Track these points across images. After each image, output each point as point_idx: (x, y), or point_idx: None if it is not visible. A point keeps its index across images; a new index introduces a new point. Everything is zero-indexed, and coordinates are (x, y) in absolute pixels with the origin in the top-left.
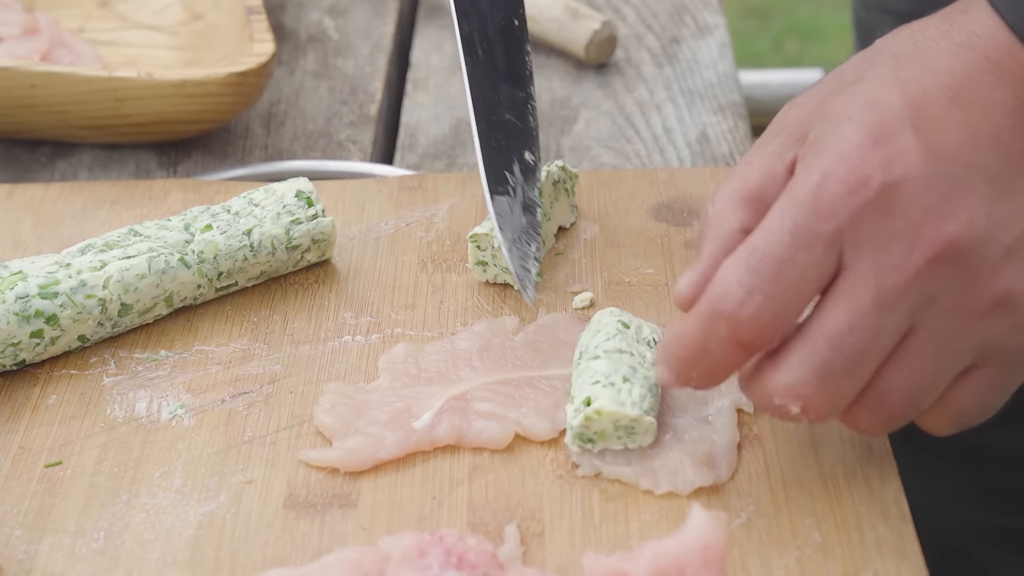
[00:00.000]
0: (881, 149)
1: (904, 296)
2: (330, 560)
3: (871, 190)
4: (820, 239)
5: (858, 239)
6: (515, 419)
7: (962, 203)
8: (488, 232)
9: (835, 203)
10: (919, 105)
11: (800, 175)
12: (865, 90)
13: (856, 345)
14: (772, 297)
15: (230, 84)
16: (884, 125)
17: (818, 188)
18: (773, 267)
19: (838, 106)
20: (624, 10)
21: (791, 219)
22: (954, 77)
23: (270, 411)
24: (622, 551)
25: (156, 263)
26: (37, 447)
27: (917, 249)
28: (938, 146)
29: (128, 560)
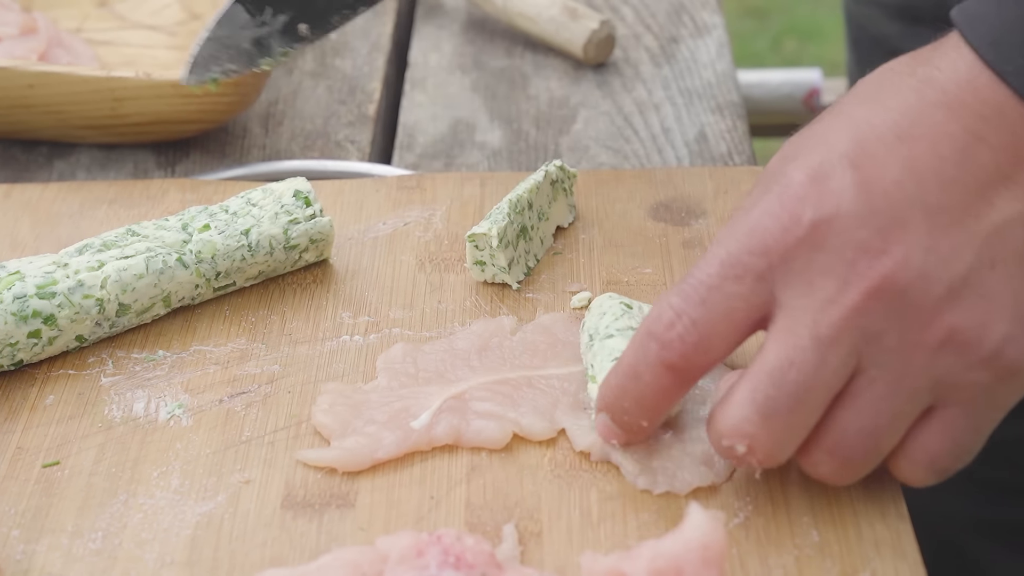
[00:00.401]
0: (816, 187)
1: (843, 332)
2: (328, 560)
3: (802, 227)
4: (750, 272)
5: (790, 276)
6: (513, 419)
7: (897, 240)
8: (487, 232)
9: (767, 239)
10: (863, 142)
11: (745, 210)
12: (819, 129)
13: (797, 379)
14: (697, 321)
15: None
16: (823, 164)
17: (754, 223)
18: (702, 293)
19: (792, 145)
20: (622, 10)
21: (725, 249)
22: (904, 113)
23: (268, 411)
24: (620, 551)
25: (154, 263)
26: (35, 447)
27: (851, 285)
28: (874, 183)
29: (126, 560)
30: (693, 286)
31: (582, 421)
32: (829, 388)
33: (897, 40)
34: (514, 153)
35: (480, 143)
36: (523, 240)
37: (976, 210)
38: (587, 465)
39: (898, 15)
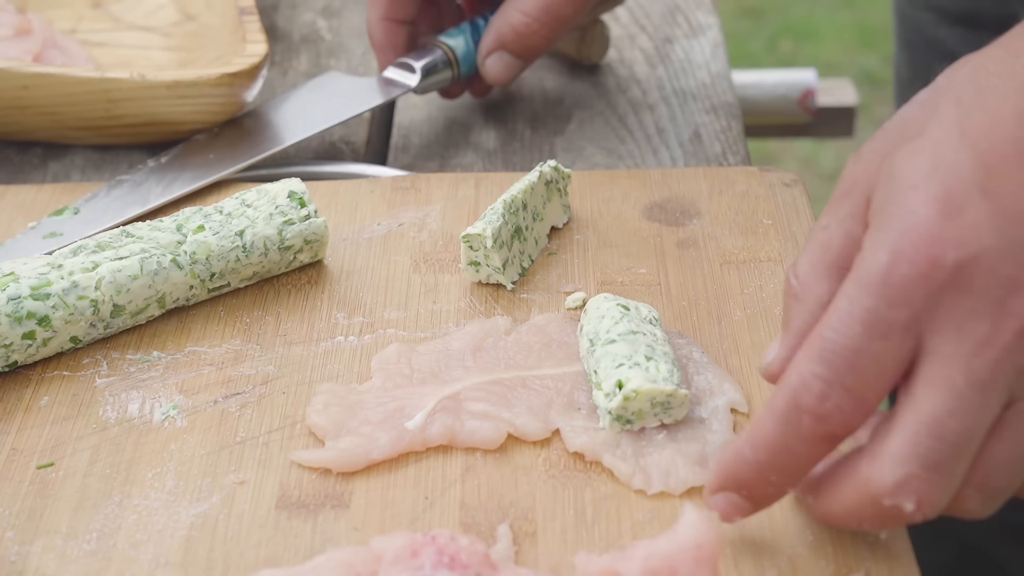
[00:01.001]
0: (951, 224)
1: (998, 372)
2: (322, 561)
3: (945, 271)
4: (895, 327)
5: (937, 322)
6: (508, 419)
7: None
8: (481, 232)
9: (908, 288)
10: (988, 164)
11: (868, 253)
12: (929, 148)
13: (959, 428)
14: (852, 389)
15: (222, 85)
16: (952, 194)
17: (888, 271)
18: (849, 359)
19: (903, 167)
20: (617, 10)
21: (861, 307)
22: (1020, 122)
23: (263, 412)
24: (614, 551)
25: (148, 264)
26: (29, 448)
27: (1003, 324)
28: (1012, 211)
29: (120, 561)
30: (836, 352)
31: (576, 422)
32: (987, 429)
33: (955, 43)
34: (509, 153)
35: (475, 143)
36: (517, 241)
37: None
38: (581, 465)
39: (957, 20)
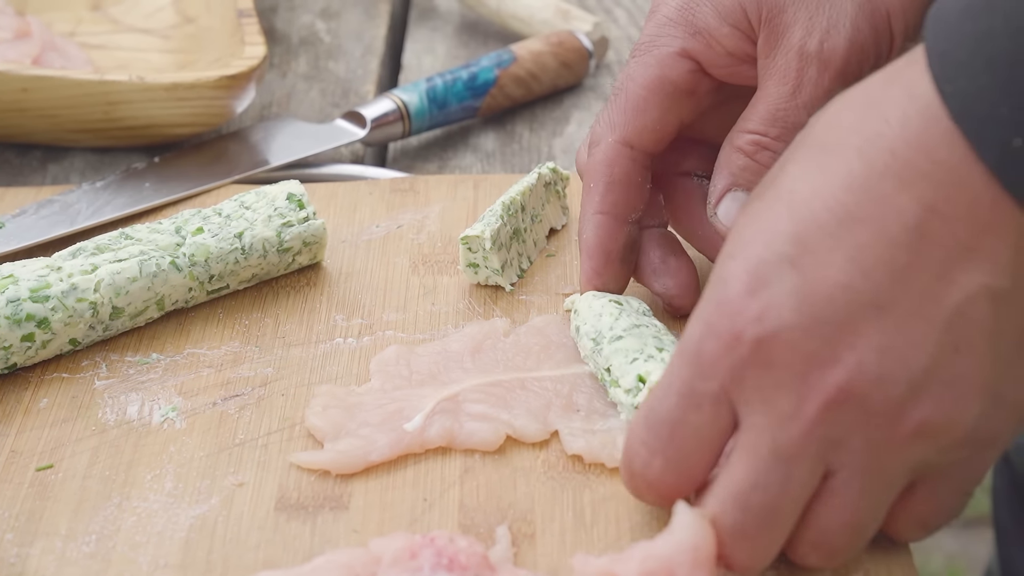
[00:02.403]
0: (755, 299)
1: (805, 446)
2: (321, 562)
3: (745, 346)
4: (706, 398)
5: (745, 394)
6: (506, 421)
7: (848, 346)
8: (480, 234)
9: (714, 361)
10: (803, 234)
11: (690, 323)
12: (760, 212)
13: (763, 501)
14: (672, 459)
15: (221, 87)
16: (761, 267)
17: (699, 344)
18: (668, 429)
19: (736, 230)
20: (615, 12)
21: (678, 378)
22: (848, 189)
23: (261, 414)
24: (613, 552)
25: (147, 266)
26: (28, 450)
27: (807, 399)
28: (817, 287)
29: (119, 563)
30: (659, 421)
31: (575, 423)
32: (799, 500)
33: None
34: (507, 155)
35: (473, 145)
36: (516, 242)
37: (934, 294)
38: (580, 467)
39: None
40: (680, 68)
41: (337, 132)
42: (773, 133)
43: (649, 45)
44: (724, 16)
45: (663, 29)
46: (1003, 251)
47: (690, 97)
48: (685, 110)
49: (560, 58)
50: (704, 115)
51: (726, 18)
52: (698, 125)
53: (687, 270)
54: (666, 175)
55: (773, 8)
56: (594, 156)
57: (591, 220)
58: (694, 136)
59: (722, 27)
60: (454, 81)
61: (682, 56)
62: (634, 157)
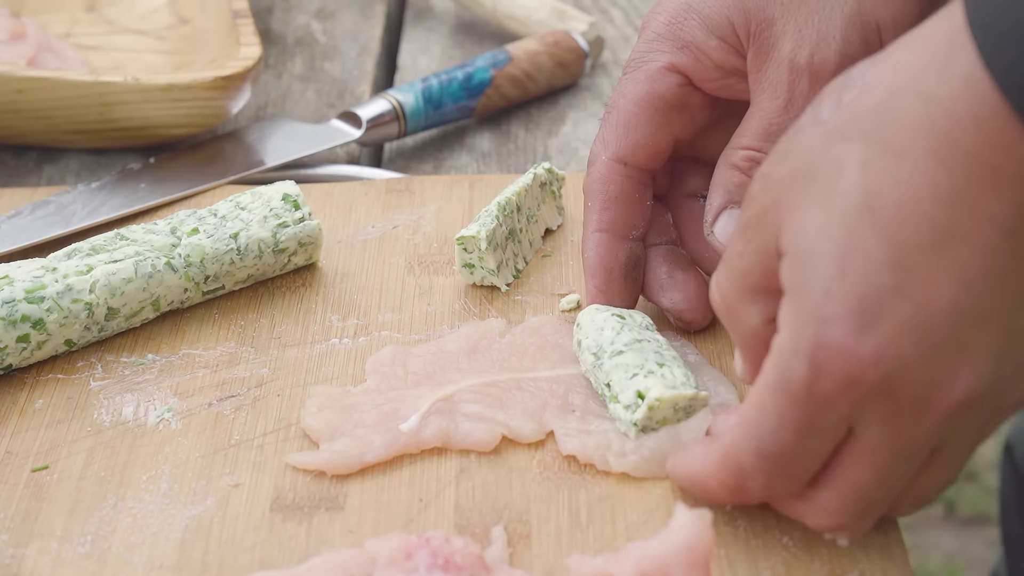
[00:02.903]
0: (869, 338)
1: (923, 446)
2: (317, 563)
3: (866, 386)
4: (826, 427)
5: (864, 418)
6: (502, 421)
7: (964, 362)
8: (475, 235)
9: (832, 400)
10: (903, 260)
11: (788, 359)
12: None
13: (881, 493)
14: (795, 477)
15: (216, 88)
16: (867, 304)
17: (810, 385)
18: (788, 460)
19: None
20: (611, 11)
21: (792, 417)
22: (938, 202)
23: (257, 414)
24: (609, 552)
25: (143, 267)
26: (24, 451)
27: (928, 416)
28: (931, 312)
29: (115, 564)
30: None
31: (570, 424)
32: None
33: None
34: (503, 156)
35: (469, 146)
36: (512, 243)
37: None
38: (576, 467)
39: None
40: (669, 82)
41: (333, 133)
42: (767, 148)
43: (639, 61)
44: (712, 29)
45: (652, 45)
46: None
47: (682, 112)
48: (678, 125)
49: (556, 58)
50: (704, 133)
51: (714, 31)
52: (699, 144)
53: (695, 284)
54: (673, 196)
55: (762, 21)
56: (590, 175)
57: (591, 238)
58: (696, 155)
59: (710, 40)
60: (450, 81)
61: (671, 70)
62: (629, 174)
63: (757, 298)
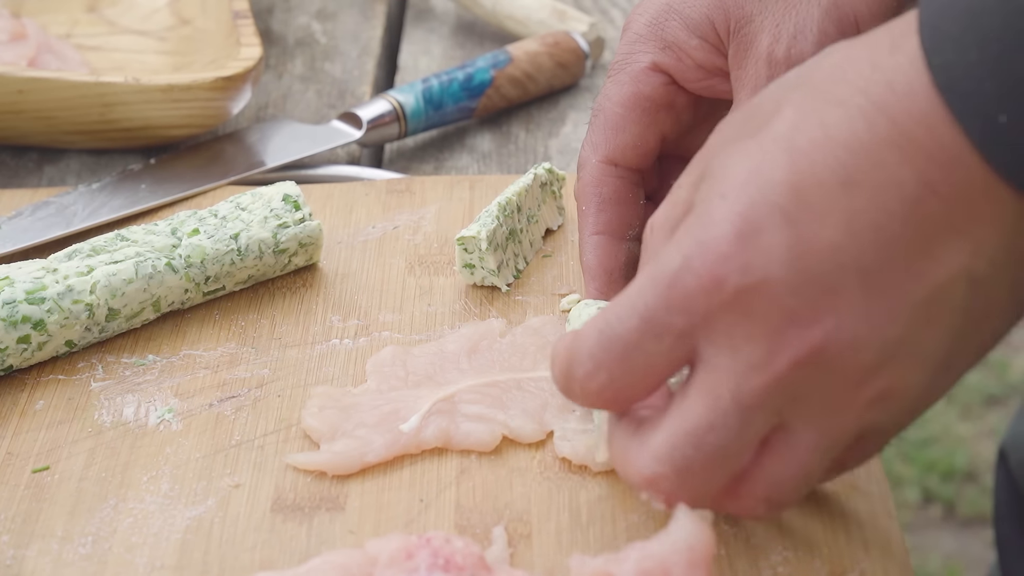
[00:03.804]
0: (744, 246)
1: (767, 397)
2: (317, 563)
3: (726, 292)
4: (671, 331)
5: (714, 336)
6: (503, 421)
7: (829, 307)
8: (476, 235)
9: (689, 298)
10: (801, 188)
11: (666, 250)
12: (754, 154)
13: (716, 443)
14: (617, 377)
15: (217, 88)
16: (754, 213)
17: (675, 277)
18: (621, 349)
19: (725, 167)
20: (612, 12)
21: (644, 303)
22: (852, 151)
23: (258, 415)
24: (609, 552)
25: (143, 268)
26: (24, 452)
27: (778, 354)
28: (810, 244)
29: (116, 565)
30: (612, 339)
31: (570, 424)
32: (749, 448)
33: None
34: (504, 156)
35: (470, 146)
36: (512, 243)
37: (918, 269)
38: (576, 467)
39: None
40: (653, 83)
41: (333, 133)
42: None
43: (622, 63)
44: (692, 29)
45: (634, 46)
46: (990, 236)
47: (668, 111)
48: (665, 125)
49: (556, 59)
50: (691, 132)
51: (694, 31)
52: (686, 142)
53: None
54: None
55: (741, 19)
56: (582, 179)
57: (589, 242)
58: (683, 154)
59: (691, 40)
60: (450, 82)
61: (654, 71)
62: (620, 175)
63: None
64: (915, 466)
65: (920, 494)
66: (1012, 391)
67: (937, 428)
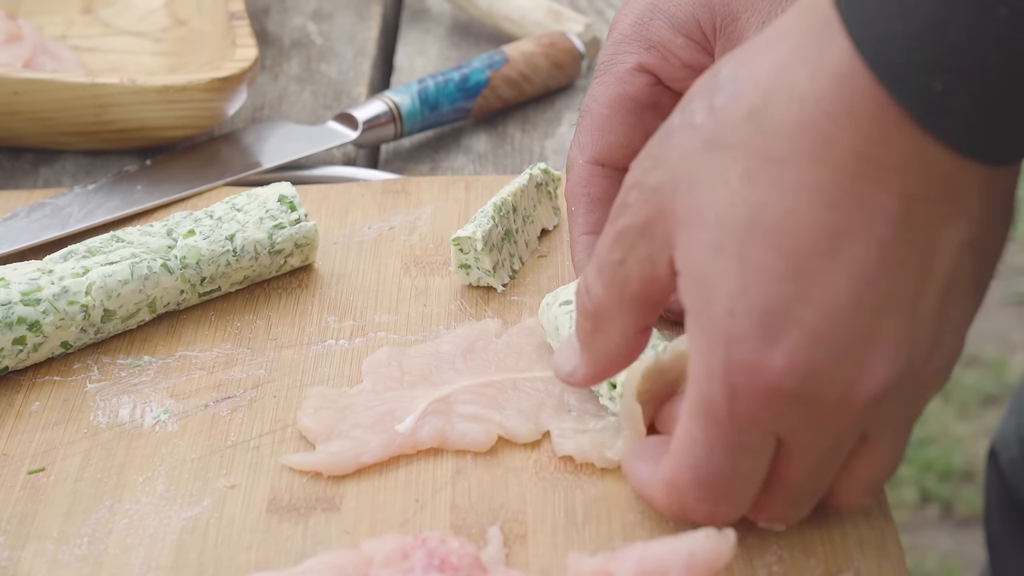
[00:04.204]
0: (778, 349)
1: (849, 438)
2: (313, 564)
3: (785, 395)
4: (755, 443)
5: (789, 424)
6: (498, 421)
7: (877, 354)
8: (471, 235)
9: (754, 417)
10: (800, 268)
11: (704, 384)
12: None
13: (814, 486)
14: (736, 500)
15: (212, 89)
16: (771, 316)
17: (730, 407)
18: (726, 482)
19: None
20: (607, 12)
21: (720, 439)
22: (826, 205)
23: (253, 416)
24: (605, 551)
25: (139, 269)
26: (20, 454)
27: (849, 412)
28: (835, 314)
29: (111, 566)
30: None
31: (566, 424)
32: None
33: None
34: (499, 156)
35: (465, 147)
36: (508, 243)
37: (929, 269)
38: (571, 467)
39: None
40: (639, 83)
41: (329, 134)
42: None
43: (608, 64)
44: (677, 28)
45: (619, 47)
46: (973, 203)
47: (654, 111)
48: (651, 124)
49: (552, 59)
50: None
51: (679, 30)
52: None
53: None
54: None
55: (727, 17)
56: (570, 180)
57: (580, 242)
58: None
59: (676, 39)
60: (446, 83)
61: (639, 71)
62: (608, 175)
63: (635, 307)
64: (912, 466)
65: (917, 494)
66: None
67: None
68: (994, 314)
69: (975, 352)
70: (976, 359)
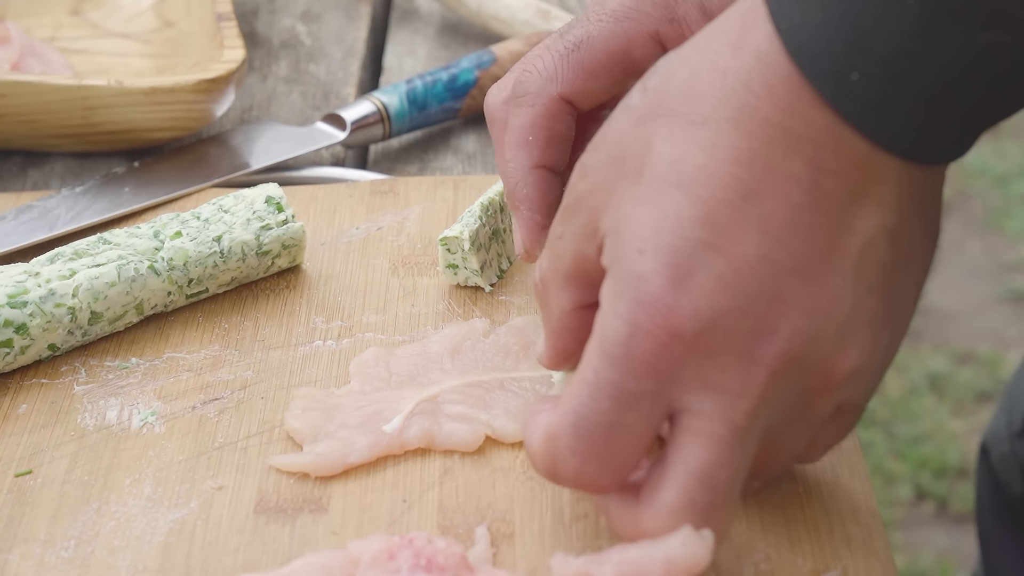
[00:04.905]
0: (684, 291)
1: (757, 416)
2: (300, 565)
3: (685, 341)
4: (643, 397)
5: (687, 384)
6: (486, 421)
7: (781, 314)
8: (458, 235)
9: (651, 360)
10: (711, 215)
11: (607, 321)
12: (650, 199)
13: (728, 476)
14: (607, 461)
15: (200, 91)
16: (679, 257)
17: (628, 344)
18: (603, 434)
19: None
20: None
21: (608, 381)
22: (741, 163)
23: (241, 417)
24: (592, 552)
25: (126, 271)
26: (7, 456)
27: (753, 374)
28: (741, 264)
29: (98, 568)
30: (591, 427)
31: None
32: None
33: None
34: (488, 156)
35: (454, 147)
36: (495, 243)
37: (840, 246)
38: None
39: None
40: (646, 49)
41: (317, 135)
42: None
43: (622, 14)
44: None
45: (643, 4)
46: (888, 191)
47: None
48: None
49: None
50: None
51: (710, 16)
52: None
53: None
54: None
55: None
56: (533, 108)
57: (531, 175)
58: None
59: (702, 23)
60: (434, 83)
61: (653, 39)
62: (572, 113)
63: (569, 282)
64: (907, 463)
65: (912, 491)
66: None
67: (929, 425)
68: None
69: (969, 349)
70: (970, 356)
